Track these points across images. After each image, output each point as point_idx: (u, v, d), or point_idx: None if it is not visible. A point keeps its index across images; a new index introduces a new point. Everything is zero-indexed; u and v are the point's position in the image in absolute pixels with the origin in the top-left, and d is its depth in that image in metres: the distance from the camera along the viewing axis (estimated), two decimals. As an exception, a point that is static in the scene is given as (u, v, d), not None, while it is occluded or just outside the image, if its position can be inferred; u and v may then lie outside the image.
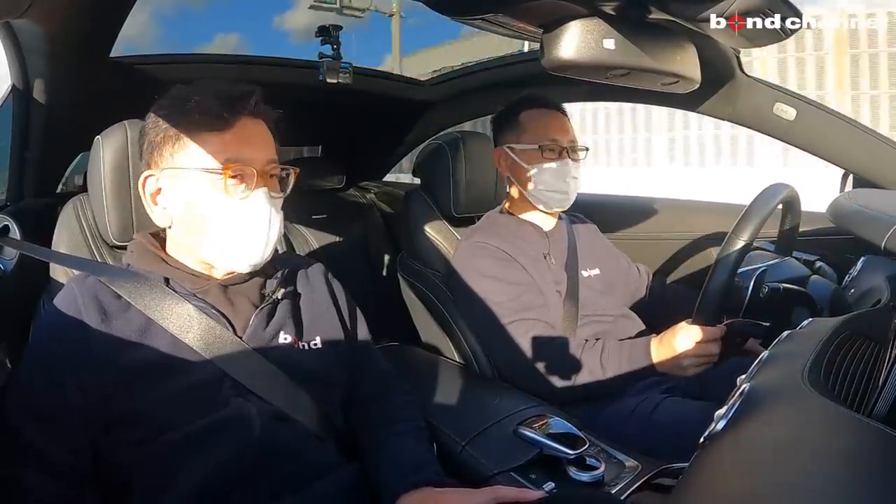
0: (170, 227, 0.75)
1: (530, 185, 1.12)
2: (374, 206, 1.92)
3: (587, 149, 1.15)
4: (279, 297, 0.76)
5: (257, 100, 0.71)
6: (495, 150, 1.18)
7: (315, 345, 0.77)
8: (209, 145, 0.69)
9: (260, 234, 0.71)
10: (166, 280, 0.72)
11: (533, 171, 1.11)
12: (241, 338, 0.71)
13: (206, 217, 0.70)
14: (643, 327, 1.17)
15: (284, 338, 0.75)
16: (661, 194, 1.61)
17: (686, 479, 0.40)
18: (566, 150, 1.12)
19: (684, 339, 0.91)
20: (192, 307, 0.70)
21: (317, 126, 1.83)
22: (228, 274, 0.75)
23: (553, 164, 1.10)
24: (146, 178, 0.73)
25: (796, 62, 5.35)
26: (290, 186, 0.76)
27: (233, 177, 0.69)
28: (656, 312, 1.24)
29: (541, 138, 1.11)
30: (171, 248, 0.76)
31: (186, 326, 0.68)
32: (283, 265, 0.80)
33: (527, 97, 1.17)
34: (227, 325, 0.71)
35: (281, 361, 0.72)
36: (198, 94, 0.70)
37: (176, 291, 0.71)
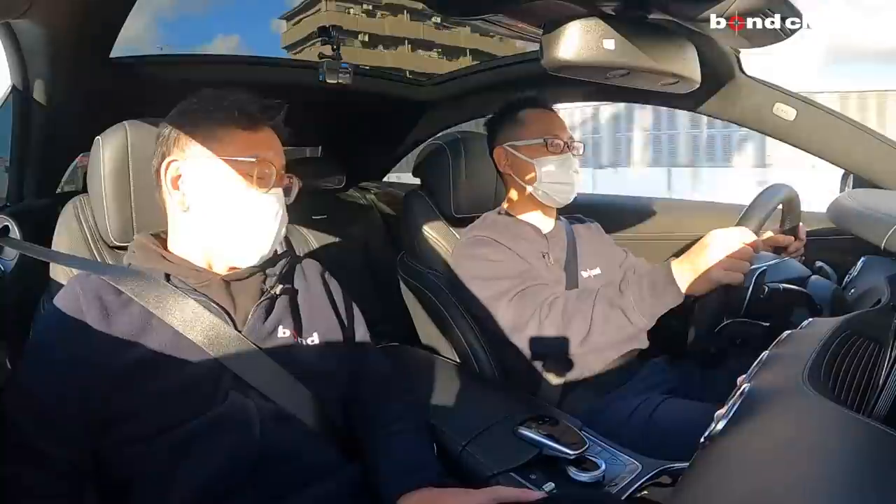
0: (186, 212, 0.74)
1: (535, 181, 1.12)
2: (374, 207, 1.92)
3: (584, 145, 1.16)
4: (277, 293, 0.77)
5: (281, 114, 0.76)
6: (496, 150, 1.18)
7: (313, 341, 0.78)
8: (240, 141, 0.73)
9: (271, 229, 0.74)
10: (167, 276, 0.72)
11: (538, 165, 1.11)
12: (240, 332, 0.71)
13: (226, 206, 0.72)
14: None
15: (283, 332, 0.75)
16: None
17: (686, 480, 0.40)
18: (567, 145, 1.13)
19: (720, 241, 0.83)
20: (193, 302, 0.70)
21: (317, 126, 1.83)
22: (230, 269, 0.76)
23: (558, 158, 1.11)
24: (170, 162, 0.74)
25: None
26: (293, 195, 0.79)
27: (258, 175, 0.72)
28: None
29: (544, 133, 1.12)
30: (176, 242, 0.76)
31: (188, 321, 0.69)
32: (281, 262, 0.81)
33: (523, 98, 1.18)
34: (228, 319, 0.72)
35: (280, 357, 0.73)
36: (234, 95, 0.74)
37: (177, 287, 0.71)
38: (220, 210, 0.73)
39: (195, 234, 0.75)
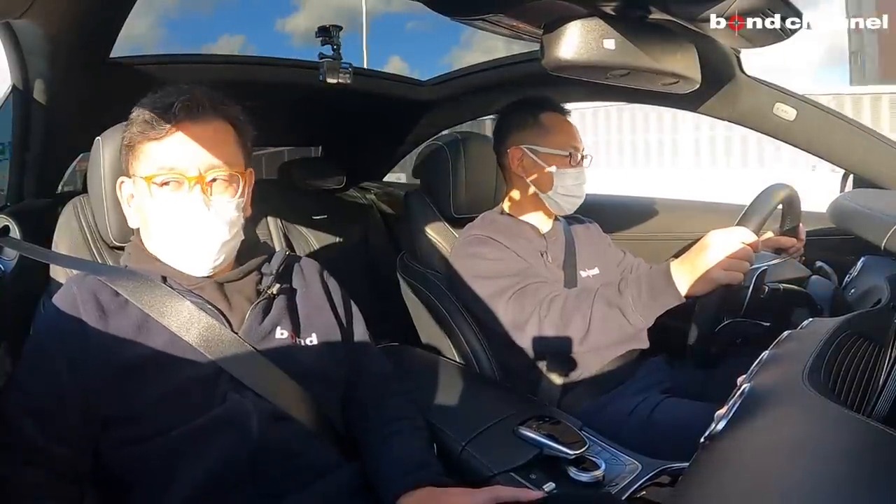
0: (139, 228, 0.77)
1: (550, 189, 1.11)
2: (375, 207, 1.92)
3: (591, 157, 1.16)
4: (274, 293, 0.76)
5: (193, 104, 0.70)
6: (513, 149, 1.14)
7: (311, 342, 0.78)
8: (148, 154, 0.71)
9: (200, 238, 0.72)
10: (163, 278, 0.72)
11: (557, 177, 1.10)
12: (237, 334, 0.71)
13: (150, 222, 0.73)
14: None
15: (281, 333, 0.75)
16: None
17: (686, 479, 0.40)
18: (582, 158, 1.13)
19: (720, 241, 0.83)
20: (189, 304, 0.70)
21: (317, 126, 1.83)
22: (222, 271, 0.75)
23: (575, 170, 1.11)
24: (120, 182, 0.77)
25: None
26: (241, 191, 0.74)
27: (163, 184, 0.70)
28: None
29: (566, 145, 1.11)
30: None
31: (184, 323, 0.69)
32: (278, 262, 0.81)
33: (544, 99, 1.16)
34: (224, 321, 0.72)
35: (278, 358, 0.72)
36: (142, 104, 0.72)
37: (173, 289, 0.71)
38: (148, 228, 0.74)
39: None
